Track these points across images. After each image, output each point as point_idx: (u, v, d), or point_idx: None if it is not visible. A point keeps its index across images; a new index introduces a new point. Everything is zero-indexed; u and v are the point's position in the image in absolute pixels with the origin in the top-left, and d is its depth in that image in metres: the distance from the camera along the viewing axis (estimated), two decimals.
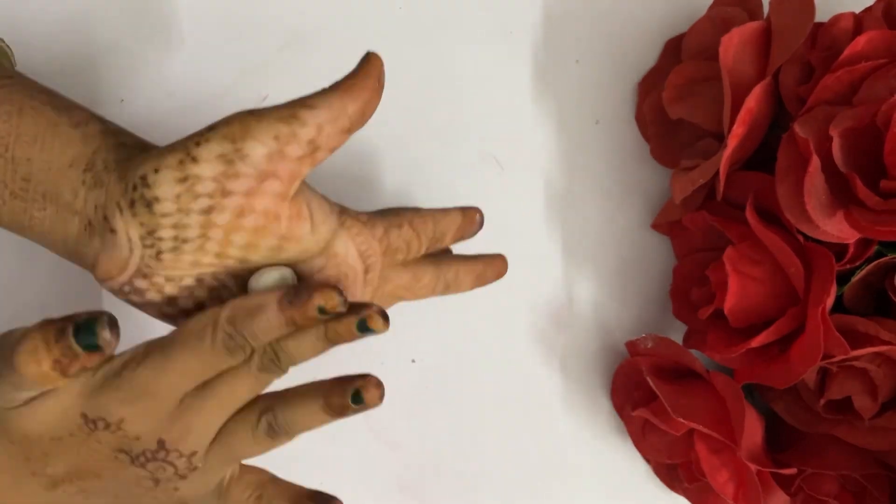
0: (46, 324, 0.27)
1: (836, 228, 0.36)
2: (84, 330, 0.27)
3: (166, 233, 0.29)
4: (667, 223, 0.46)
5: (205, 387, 0.30)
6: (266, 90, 0.44)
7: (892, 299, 0.38)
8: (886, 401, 0.39)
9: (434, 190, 0.46)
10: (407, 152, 0.45)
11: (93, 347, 0.27)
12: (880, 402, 0.39)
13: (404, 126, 0.45)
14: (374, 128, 0.43)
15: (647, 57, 0.48)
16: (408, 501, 0.45)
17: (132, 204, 0.29)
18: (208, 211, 0.29)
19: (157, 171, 0.29)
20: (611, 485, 0.48)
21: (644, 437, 0.45)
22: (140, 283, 0.31)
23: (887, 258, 0.38)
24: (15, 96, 0.30)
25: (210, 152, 0.29)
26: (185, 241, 0.29)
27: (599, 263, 0.48)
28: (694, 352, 0.43)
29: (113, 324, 0.27)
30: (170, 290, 0.31)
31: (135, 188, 0.29)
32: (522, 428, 0.47)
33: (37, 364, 0.27)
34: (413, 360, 0.45)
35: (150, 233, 0.29)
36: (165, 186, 0.29)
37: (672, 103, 0.43)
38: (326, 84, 0.31)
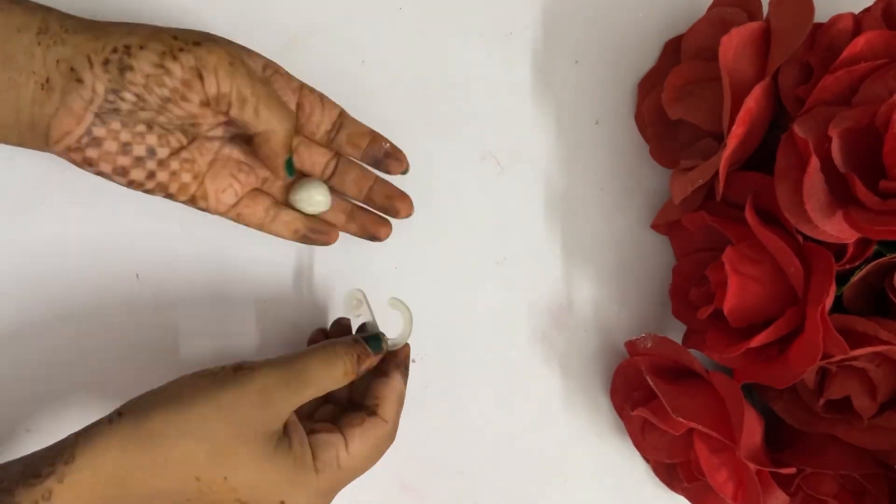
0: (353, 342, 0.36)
1: (835, 228, 0.36)
2: (373, 341, 0.37)
3: (128, 97, 0.34)
4: (666, 223, 0.46)
5: None
6: None
7: (892, 299, 0.38)
8: (885, 401, 0.39)
9: (434, 190, 0.46)
10: (407, 152, 0.45)
11: (379, 350, 0.37)
12: (879, 401, 0.39)
13: (404, 126, 0.45)
14: (374, 127, 0.43)
15: (647, 57, 0.48)
16: (408, 501, 0.45)
17: (106, 62, 0.33)
18: (166, 100, 0.34)
19: (142, 47, 0.33)
20: (611, 484, 0.48)
21: (644, 437, 0.45)
22: (98, 132, 0.34)
23: (886, 258, 0.38)
24: None
25: (187, 61, 0.33)
26: (142, 108, 0.34)
27: (599, 263, 0.48)
28: (693, 351, 0.43)
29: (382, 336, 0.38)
30: (125, 136, 0.35)
31: (115, 50, 0.33)
32: (522, 428, 0.47)
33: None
34: (413, 360, 0.45)
35: (114, 91, 0.33)
36: (144, 62, 0.33)
37: (671, 104, 0.43)
38: (325, 84, 0.31)
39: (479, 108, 0.46)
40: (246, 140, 0.39)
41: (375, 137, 0.42)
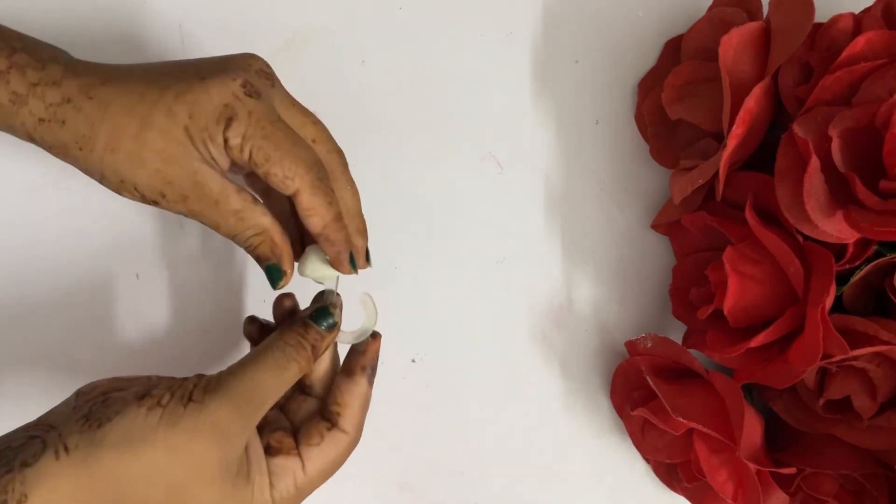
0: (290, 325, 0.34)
1: (835, 228, 0.36)
2: (322, 316, 0.35)
3: None
4: (666, 223, 0.46)
5: None
6: None
7: (892, 299, 0.38)
8: (885, 400, 0.39)
9: (434, 190, 0.46)
10: (407, 152, 0.45)
11: (331, 325, 0.35)
12: (879, 401, 0.39)
13: (405, 126, 0.45)
14: (374, 127, 0.43)
15: (647, 57, 0.48)
16: (408, 501, 0.45)
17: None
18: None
19: (120, 193, 0.34)
20: (611, 484, 0.48)
21: (643, 437, 0.45)
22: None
23: (887, 258, 0.38)
24: None
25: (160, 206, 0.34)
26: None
27: (599, 263, 0.48)
28: (693, 351, 0.43)
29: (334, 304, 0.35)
30: None
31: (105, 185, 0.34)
32: (522, 428, 0.47)
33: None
34: (413, 360, 0.45)
35: None
36: (134, 200, 0.34)
37: (671, 104, 0.43)
38: (325, 84, 0.31)
39: (479, 108, 0.46)
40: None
41: (318, 243, 0.35)
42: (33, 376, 0.41)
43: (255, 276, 0.43)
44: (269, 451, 0.34)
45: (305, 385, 0.38)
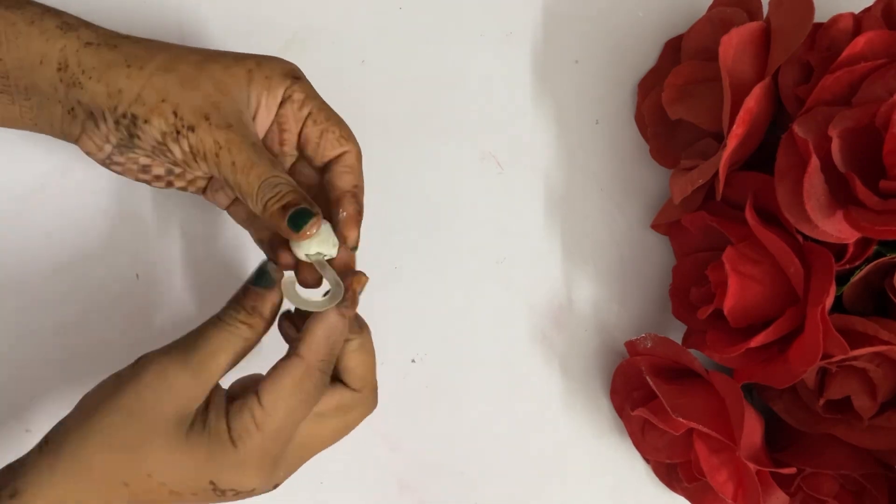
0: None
1: (835, 228, 0.36)
2: (257, 277, 0.34)
3: (138, 151, 0.35)
4: (666, 223, 0.46)
5: None
6: None
7: (892, 299, 0.38)
8: (885, 401, 0.39)
9: (434, 190, 0.46)
10: (407, 152, 0.45)
11: (268, 283, 0.34)
12: (879, 401, 0.39)
13: (404, 126, 0.45)
14: (374, 128, 0.43)
15: (647, 57, 0.48)
16: (408, 501, 0.45)
17: (117, 123, 0.33)
18: (172, 163, 0.35)
19: (146, 121, 0.33)
20: (611, 484, 0.48)
21: (644, 437, 0.45)
22: (118, 158, 0.35)
23: (887, 258, 0.38)
24: None
25: (183, 145, 0.33)
26: (150, 153, 0.35)
27: (599, 263, 0.48)
28: (693, 351, 0.43)
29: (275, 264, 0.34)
30: (144, 161, 0.36)
31: (124, 116, 0.33)
32: (522, 428, 0.47)
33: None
34: (413, 360, 0.45)
35: (125, 146, 0.34)
36: (148, 136, 0.33)
37: (671, 104, 0.43)
38: (324, 84, 0.31)
39: (479, 108, 0.46)
40: None
41: (340, 200, 0.36)
42: (33, 376, 0.41)
43: None
44: (231, 400, 0.33)
45: None
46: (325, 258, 0.35)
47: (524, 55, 0.47)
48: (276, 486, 0.34)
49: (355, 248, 0.36)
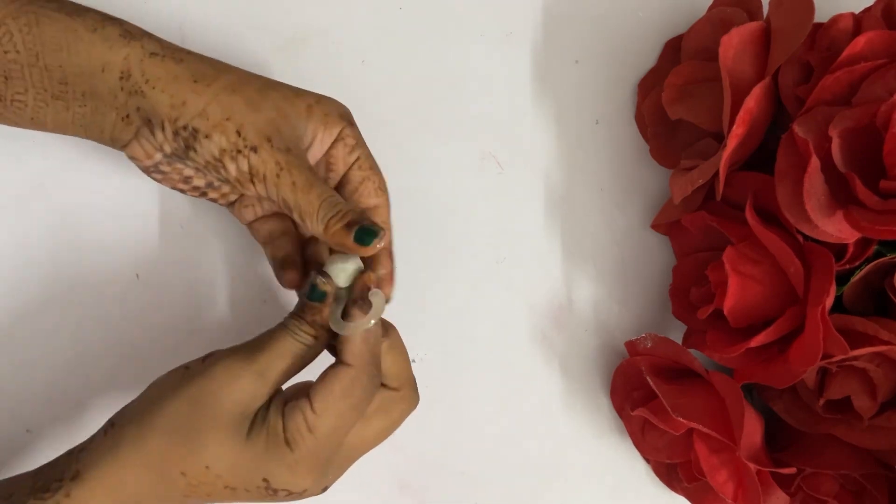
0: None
1: (835, 228, 0.36)
2: (309, 291, 0.34)
3: (190, 163, 0.35)
4: (666, 223, 0.46)
5: None
6: None
7: (892, 299, 0.38)
8: (886, 400, 0.39)
9: (434, 190, 0.46)
10: (407, 152, 0.45)
11: (319, 297, 0.34)
12: (879, 401, 0.39)
13: (404, 126, 0.45)
14: (374, 128, 0.43)
15: (647, 57, 0.48)
16: (408, 501, 0.45)
17: (176, 133, 0.34)
18: (223, 180, 0.35)
19: (207, 137, 0.34)
20: (611, 484, 0.48)
21: (644, 437, 0.45)
22: (164, 167, 0.36)
23: (887, 258, 0.38)
24: (28, 7, 0.34)
25: (242, 165, 0.34)
26: (201, 167, 0.35)
27: (599, 263, 0.48)
28: (693, 351, 0.43)
29: (326, 274, 0.35)
30: (188, 172, 0.36)
31: (184, 128, 0.34)
32: (522, 428, 0.47)
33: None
34: (413, 360, 0.45)
35: (177, 156, 0.35)
36: (206, 151, 0.34)
37: (671, 104, 0.43)
38: (324, 84, 0.31)
39: (479, 108, 0.46)
40: None
41: (377, 257, 0.38)
42: (33, 376, 0.41)
43: (255, 276, 0.44)
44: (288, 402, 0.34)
45: None
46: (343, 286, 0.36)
47: (524, 55, 0.47)
48: (324, 489, 0.35)
49: (388, 301, 0.38)
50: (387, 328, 0.37)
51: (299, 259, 0.39)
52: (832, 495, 0.42)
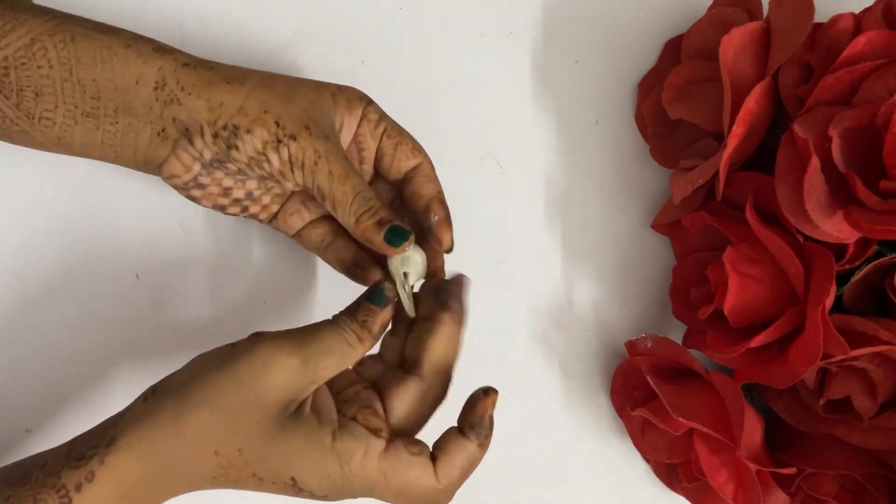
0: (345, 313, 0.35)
1: (835, 228, 0.36)
2: (372, 294, 0.35)
3: (231, 165, 0.36)
4: (666, 223, 0.46)
5: None
6: None
7: (892, 299, 0.38)
8: (886, 401, 0.39)
9: None
10: None
11: (381, 301, 0.35)
12: (879, 401, 0.39)
13: (404, 126, 0.45)
14: None
15: (647, 57, 0.48)
16: None
17: (216, 135, 0.35)
18: (266, 175, 0.36)
19: (248, 131, 0.34)
20: (611, 484, 0.48)
21: (644, 437, 0.45)
22: (203, 180, 0.37)
23: (887, 258, 0.38)
24: (63, 26, 0.34)
25: (284, 154, 0.35)
26: (241, 171, 0.36)
27: (599, 263, 0.48)
28: (693, 351, 0.43)
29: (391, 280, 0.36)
30: (227, 182, 0.37)
31: (224, 128, 0.35)
32: (522, 428, 0.47)
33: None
34: None
35: (219, 160, 0.35)
36: (248, 146, 0.35)
37: (671, 104, 0.43)
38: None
39: (479, 108, 0.46)
40: None
41: (429, 206, 0.38)
42: (33, 376, 0.41)
43: (255, 275, 0.44)
44: (354, 419, 0.34)
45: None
46: (410, 284, 0.37)
47: (524, 55, 0.47)
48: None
49: (450, 250, 0.39)
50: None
51: (366, 254, 0.39)
52: (832, 495, 0.42)
